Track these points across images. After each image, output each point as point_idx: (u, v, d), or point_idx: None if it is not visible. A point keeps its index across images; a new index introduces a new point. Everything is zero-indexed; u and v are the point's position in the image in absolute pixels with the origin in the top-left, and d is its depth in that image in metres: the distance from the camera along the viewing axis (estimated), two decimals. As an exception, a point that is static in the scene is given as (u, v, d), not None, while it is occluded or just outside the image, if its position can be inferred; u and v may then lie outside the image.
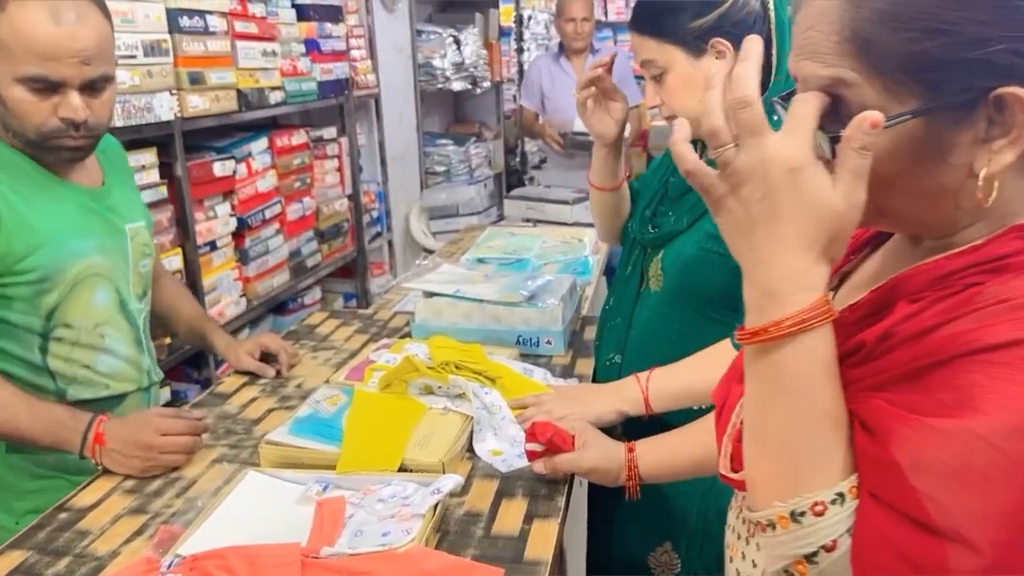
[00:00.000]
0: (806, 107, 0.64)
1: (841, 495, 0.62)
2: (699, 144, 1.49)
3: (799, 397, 0.64)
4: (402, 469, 1.25)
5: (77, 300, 1.41)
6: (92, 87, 1.34)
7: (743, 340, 0.67)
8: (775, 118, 1.31)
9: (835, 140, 0.64)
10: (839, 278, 0.86)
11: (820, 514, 0.63)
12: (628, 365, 1.50)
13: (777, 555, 0.65)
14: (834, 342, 0.65)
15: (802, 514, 0.63)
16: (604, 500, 1.53)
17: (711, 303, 1.38)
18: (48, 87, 1.30)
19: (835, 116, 0.66)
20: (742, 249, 0.66)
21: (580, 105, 1.51)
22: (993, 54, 0.61)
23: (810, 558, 0.63)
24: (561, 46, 4.19)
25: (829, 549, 0.62)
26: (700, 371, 1.34)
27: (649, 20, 1.36)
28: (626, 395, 1.37)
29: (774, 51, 1.33)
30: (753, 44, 0.65)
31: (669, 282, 1.41)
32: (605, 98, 1.52)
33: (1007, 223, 0.67)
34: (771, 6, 1.32)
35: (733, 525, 0.88)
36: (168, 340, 2.31)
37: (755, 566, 0.81)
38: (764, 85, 1.35)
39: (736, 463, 0.77)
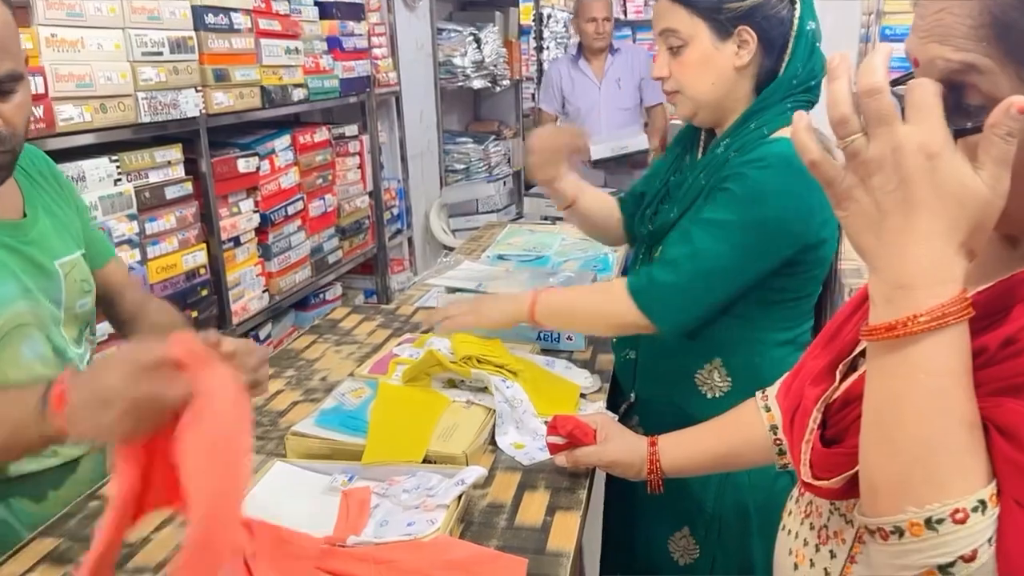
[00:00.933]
0: (927, 93, 0.60)
1: (983, 502, 0.59)
2: (701, 132, 1.50)
3: (935, 396, 0.61)
4: (426, 460, 1.27)
5: (3, 358, 1.18)
6: None
7: (871, 336, 0.64)
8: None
9: (959, 133, 0.61)
10: None
11: (961, 522, 0.59)
12: (643, 359, 1.54)
13: (903, 564, 0.62)
14: (969, 340, 0.61)
15: (940, 521, 0.60)
16: (622, 487, 1.55)
17: None
18: None
19: (957, 106, 0.63)
20: (869, 242, 0.63)
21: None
22: None
23: (944, 568, 0.60)
24: (580, 47, 4.16)
25: (968, 559, 0.59)
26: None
27: None
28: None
29: (787, 56, 1.35)
30: (884, 46, 0.63)
31: None
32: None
33: None
34: (797, 14, 1.35)
35: (796, 531, 0.86)
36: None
37: (827, 574, 0.79)
38: (767, 82, 1.37)
39: (817, 470, 0.74)
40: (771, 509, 1.22)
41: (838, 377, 0.80)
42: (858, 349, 0.81)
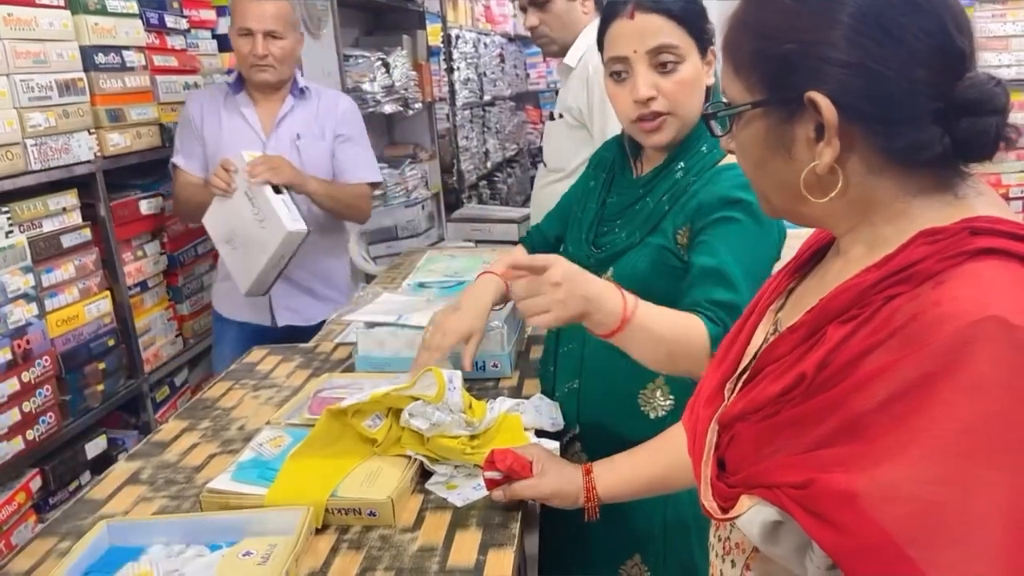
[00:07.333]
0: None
1: None
2: (629, 154, 1.49)
3: None
4: (349, 510, 1.21)
5: None
6: None
7: None
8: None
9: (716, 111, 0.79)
10: (786, 295, 0.87)
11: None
12: (586, 387, 1.50)
13: None
14: None
15: None
16: (557, 518, 1.51)
17: None
18: None
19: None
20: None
21: None
22: (791, 54, 0.70)
23: None
24: (240, 77, 2.47)
25: None
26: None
27: (681, 8, 1.34)
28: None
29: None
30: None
31: None
32: None
33: (878, 219, 0.72)
34: None
35: (712, 543, 0.89)
36: (100, 387, 2.22)
37: None
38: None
39: (716, 493, 0.77)
40: (710, 522, 1.22)
41: (727, 395, 0.83)
42: (741, 366, 0.84)
